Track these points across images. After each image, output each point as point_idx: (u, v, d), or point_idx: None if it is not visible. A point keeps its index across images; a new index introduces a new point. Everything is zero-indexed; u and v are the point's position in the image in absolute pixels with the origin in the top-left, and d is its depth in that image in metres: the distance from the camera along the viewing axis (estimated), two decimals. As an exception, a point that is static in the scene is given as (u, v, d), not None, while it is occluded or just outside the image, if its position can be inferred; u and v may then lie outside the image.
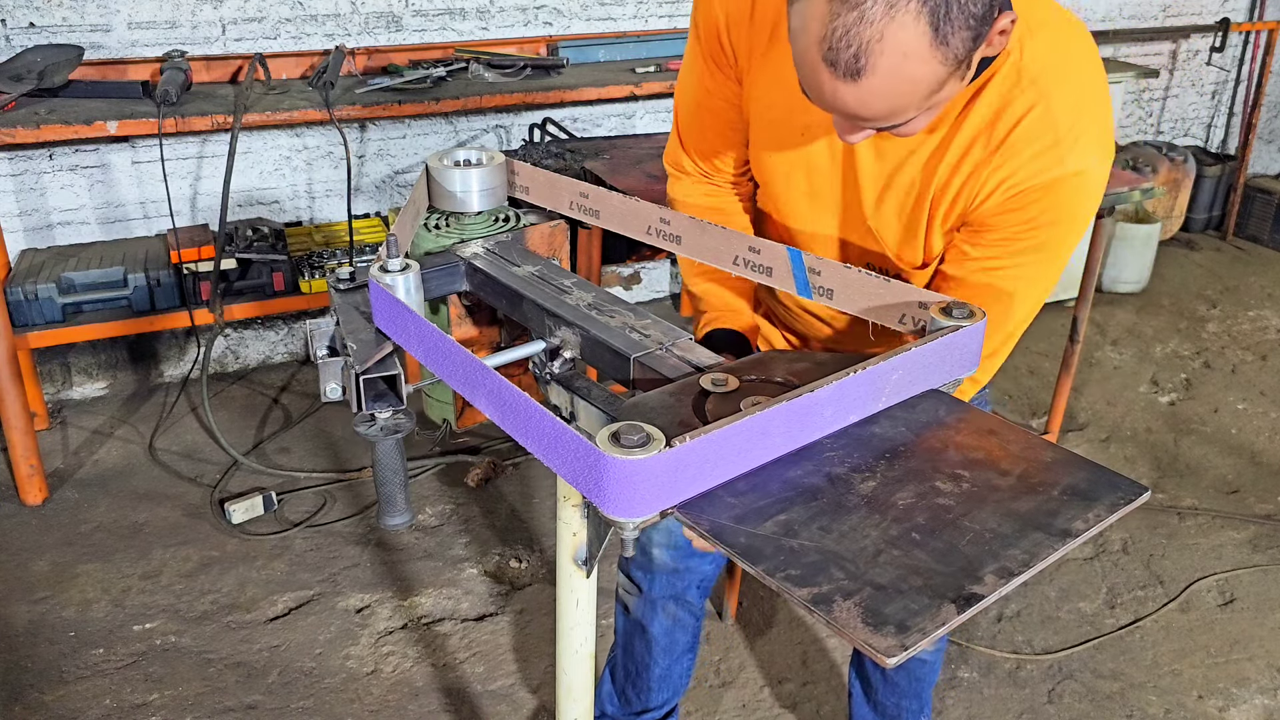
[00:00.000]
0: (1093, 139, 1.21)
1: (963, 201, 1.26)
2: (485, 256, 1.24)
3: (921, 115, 1.08)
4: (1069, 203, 1.23)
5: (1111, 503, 0.85)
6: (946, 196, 1.26)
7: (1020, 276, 1.29)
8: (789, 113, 1.32)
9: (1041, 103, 1.19)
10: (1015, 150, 1.20)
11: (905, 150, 1.27)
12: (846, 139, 1.14)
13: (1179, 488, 3.12)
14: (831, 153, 1.32)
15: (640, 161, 2.95)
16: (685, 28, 3.78)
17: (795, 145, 1.34)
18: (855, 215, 1.36)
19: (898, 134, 1.11)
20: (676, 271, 4.24)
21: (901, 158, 1.28)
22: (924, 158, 1.26)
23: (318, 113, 2.85)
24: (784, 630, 2.54)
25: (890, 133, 1.11)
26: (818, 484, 0.85)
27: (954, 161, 1.24)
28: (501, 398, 0.87)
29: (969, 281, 1.29)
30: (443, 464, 3.09)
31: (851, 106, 1.03)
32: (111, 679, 2.32)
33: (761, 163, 1.41)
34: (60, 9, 3.01)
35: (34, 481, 2.86)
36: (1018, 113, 1.19)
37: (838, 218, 1.38)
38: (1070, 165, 1.20)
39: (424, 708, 2.29)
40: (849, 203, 1.35)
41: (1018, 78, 1.19)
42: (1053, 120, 1.19)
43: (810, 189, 1.37)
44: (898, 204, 1.31)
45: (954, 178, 1.25)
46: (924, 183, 1.27)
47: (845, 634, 0.71)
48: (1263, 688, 2.41)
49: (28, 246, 3.19)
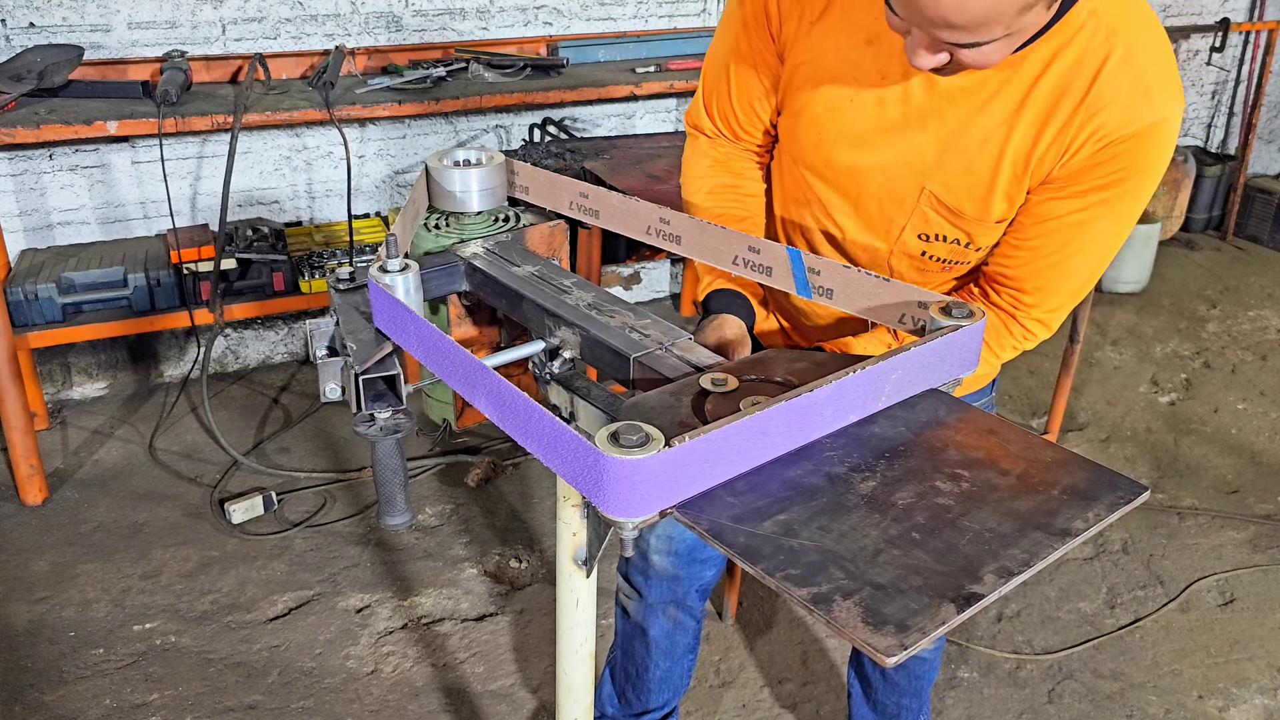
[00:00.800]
0: (1173, 86, 1.22)
1: (1050, 159, 1.25)
2: (485, 256, 1.24)
3: (1004, 40, 1.06)
4: (1155, 150, 1.23)
5: (1111, 502, 0.85)
6: (1034, 156, 1.25)
7: (1103, 228, 1.29)
8: (840, 79, 1.31)
9: (1123, 49, 1.19)
10: (1104, 100, 1.20)
11: (971, 109, 1.26)
12: (918, 63, 1.11)
13: (1179, 488, 3.12)
14: (884, 121, 1.31)
15: (640, 161, 2.95)
16: (685, 28, 3.79)
17: (847, 114, 1.33)
18: (909, 185, 1.33)
19: (973, 62, 1.09)
20: (676, 271, 4.24)
21: (967, 119, 1.26)
22: (1000, 118, 1.25)
23: (318, 113, 2.85)
24: (784, 630, 2.54)
25: (966, 58, 1.09)
26: (817, 484, 0.85)
27: (1038, 119, 1.23)
28: (501, 398, 0.87)
29: (1054, 234, 1.28)
30: (443, 464, 3.09)
31: (946, 4, 1.00)
32: (111, 679, 2.32)
33: (803, 135, 1.39)
34: (60, 9, 3.01)
35: (34, 481, 2.86)
36: (1099, 61, 1.19)
37: (886, 193, 1.36)
38: (1159, 112, 1.20)
39: (424, 708, 2.29)
40: (899, 173, 1.33)
41: (1096, 27, 1.19)
42: (1138, 68, 1.19)
43: (856, 162, 1.35)
44: (965, 165, 1.29)
45: (1041, 137, 1.24)
46: (1001, 144, 1.25)
47: (845, 634, 0.71)
48: (1263, 688, 2.41)
49: (28, 246, 3.19)
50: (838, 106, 1.33)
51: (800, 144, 1.40)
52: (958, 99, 1.26)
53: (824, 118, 1.35)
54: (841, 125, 1.34)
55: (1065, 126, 1.23)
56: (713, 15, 3.86)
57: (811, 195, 1.43)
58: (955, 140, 1.28)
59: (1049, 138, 1.24)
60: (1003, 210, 1.32)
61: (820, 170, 1.39)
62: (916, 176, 1.32)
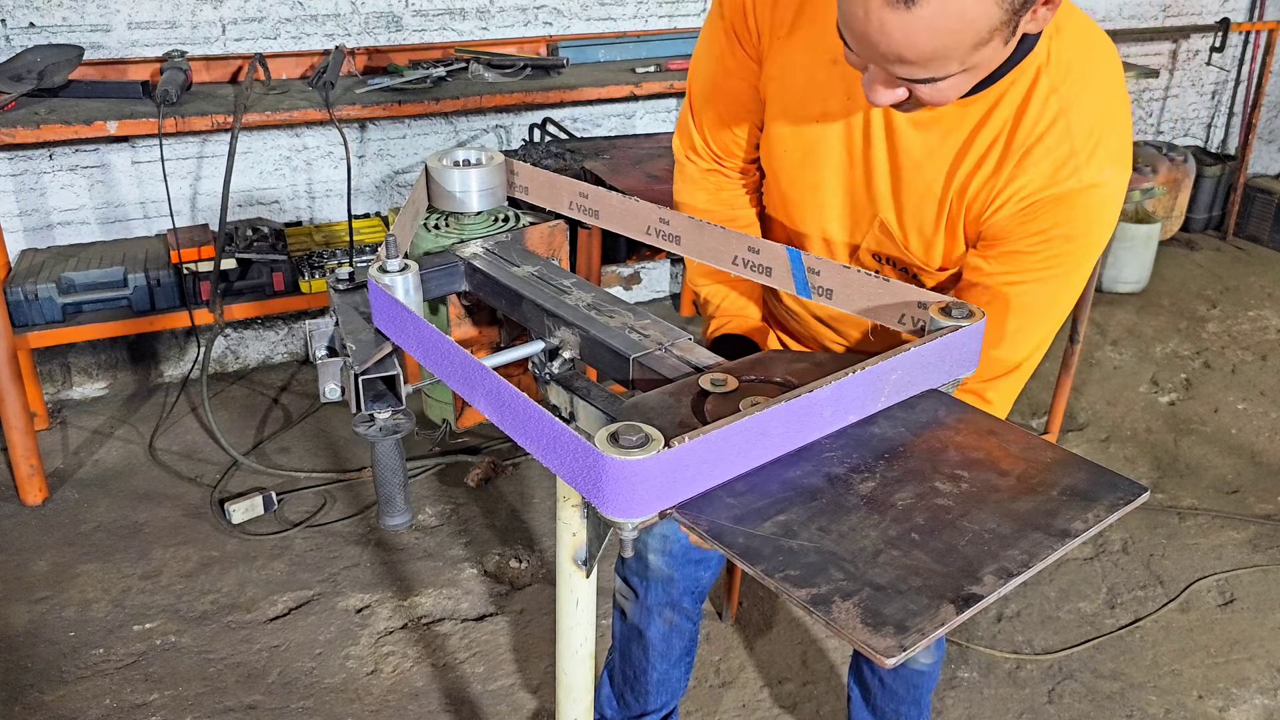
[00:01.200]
0: (1111, 150, 1.18)
1: (977, 207, 1.23)
2: (485, 256, 1.24)
3: (960, 76, 1.04)
4: (1084, 216, 1.19)
5: (1111, 503, 0.85)
6: (963, 202, 1.24)
7: (1035, 293, 1.25)
8: (806, 97, 1.30)
9: (1062, 114, 1.16)
10: (1032, 160, 1.17)
11: (923, 150, 1.24)
12: (875, 99, 1.09)
13: (1179, 488, 3.12)
14: (848, 143, 1.30)
15: (640, 161, 2.95)
16: (685, 28, 3.79)
17: (810, 133, 1.32)
18: (865, 209, 1.33)
19: (930, 98, 1.07)
20: (676, 271, 4.24)
21: (919, 159, 1.25)
22: (945, 160, 1.24)
23: (318, 113, 2.85)
24: (784, 630, 2.54)
25: (923, 94, 1.06)
26: (817, 484, 0.85)
27: (970, 168, 1.22)
28: (501, 398, 0.87)
29: (984, 300, 1.26)
30: (443, 464, 3.09)
31: (896, 40, 0.98)
32: (111, 679, 2.32)
33: (773, 147, 1.39)
34: (60, 9, 3.01)
35: (34, 481, 2.86)
36: (1035, 117, 1.16)
37: (846, 211, 1.36)
38: (1086, 178, 1.16)
39: (424, 708, 2.29)
40: (859, 196, 1.33)
41: (1044, 80, 1.16)
42: (1070, 131, 1.16)
43: (819, 179, 1.35)
44: (915, 203, 1.28)
45: (970, 183, 1.22)
46: (944, 186, 1.24)
47: (844, 634, 0.71)
48: (1263, 688, 2.41)
49: (28, 246, 3.19)
50: (802, 125, 1.32)
51: (771, 152, 1.40)
52: (914, 134, 1.24)
53: (790, 134, 1.34)
54: (806, 144, 1.33)
55: (993, 176, 1.20)
56: (713, 15, 3.86)
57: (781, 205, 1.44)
58: (908, 175, 1.27)
59: (977, 185, 1.22)
60: (944, 258, 1.30)
61: (788, 178, 1.39)
62: (871, 203, 1.32)
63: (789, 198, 1.41)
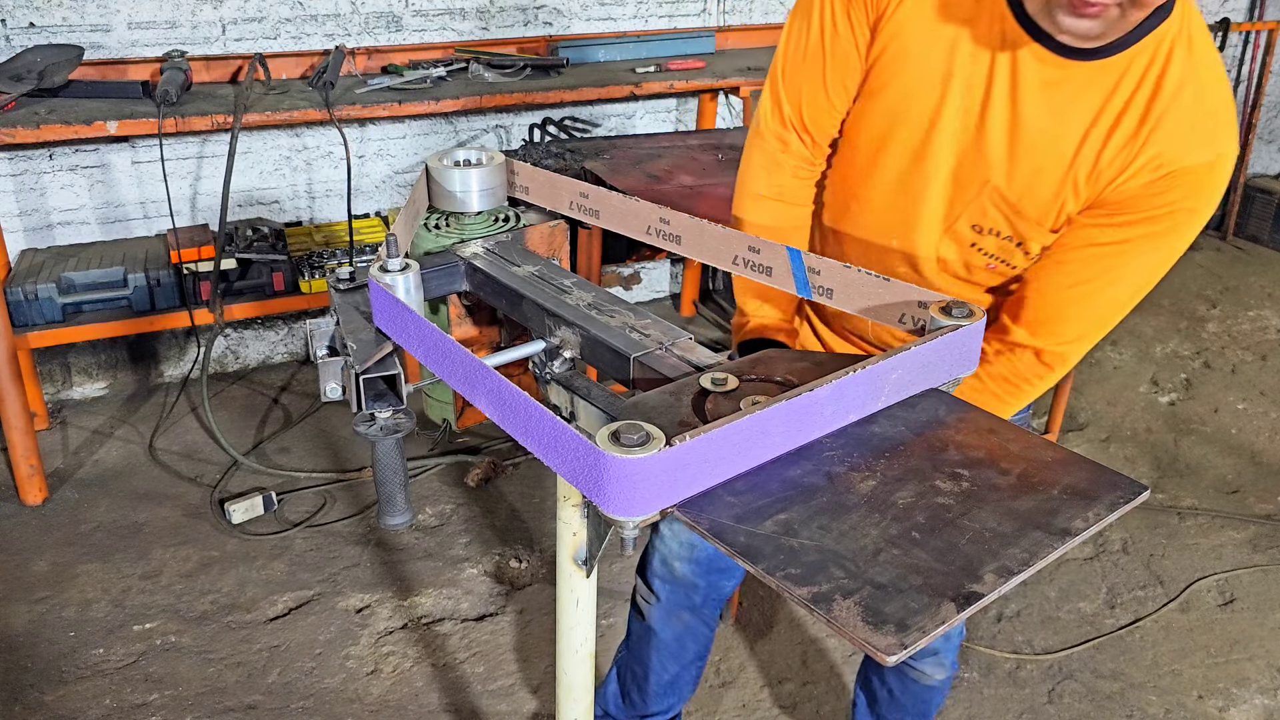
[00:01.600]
0: (1232, 126, 1.20)
1: (1109, 174, 1.22)
2: (485, 256, 1.24)
3: None
4: (1210, 188, 1.20)
5: (1111, 502, 0.85)
6: (1098, 167, 1.23)
7: (1143, 263, 1.26)
8: (925, 58, 1.29)
9: (1198, 85, 1.17)
10: (1168, 127, 1.17)
11: (1050, 112, 1.23)
12: (1083, 13, 1.10)
13: (1179, 488, 3.12)
14: (965, 106, 1.28)
15: (640, 161, 2.95)
16: (685, 28, 3.79)
17: (922, 98, 1.30)
18: (974, 175, 1.31)
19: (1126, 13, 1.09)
20: (676, 271, 4.24)
21: (1044, 121, 1.23)
22: (1076, 122, 1.22)
23: (318, 113, 2.85)
24: (784, 630, 2.54)
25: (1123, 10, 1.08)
26: (817, 483, 0.85)
27: (1105, 131, 1.21)
28: (501, 398, 0.87)
29: (1091, 261, 1.26)
30: (443, 464, 3.09)
31: None
32: (111, 679, 2.32)
33: (875, 118, 1.36)
34: (60, 9, 3.01)
35: (34, 481, 2.86)
36: (1179, 90, 1.17)
37: (950, 180, 1.33)
38: (1218, 148, 1.18)
39: (424, 708, 2.29)
40: (968, 162, 1.31)
41: (1181, 51, 1.17)
42: (1204, 102, 1.17)
43: (927, 147, 1.32)
44: (1033, 166, 1.26)
45: (1105, 147, 1.21)
46: (1076, 148, 1.23)
47: (845, 633, 0.71)
48: (1263, 688, 2.41)
49: (28, 246, 3.19)
50: (915, 89, 1.30)
51: (871, 124, 1.37)
52: (1040, 96, 1.24)
53: (899, 100, 1.32)
54: (916, 110, 1.31)
55: (1129, 142, 1.20)
56: (713, 15, 3.86)
57: (865, 181, 1.40)
58: (1030, 137, 1.26)
59: (1113, 150, 1.22)
60: (1056, 219, 1.28)
61: (891, 151, 1.36)
62: (983, 169, 1.30)
63: (885, 175, 1.38)
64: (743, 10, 3.92)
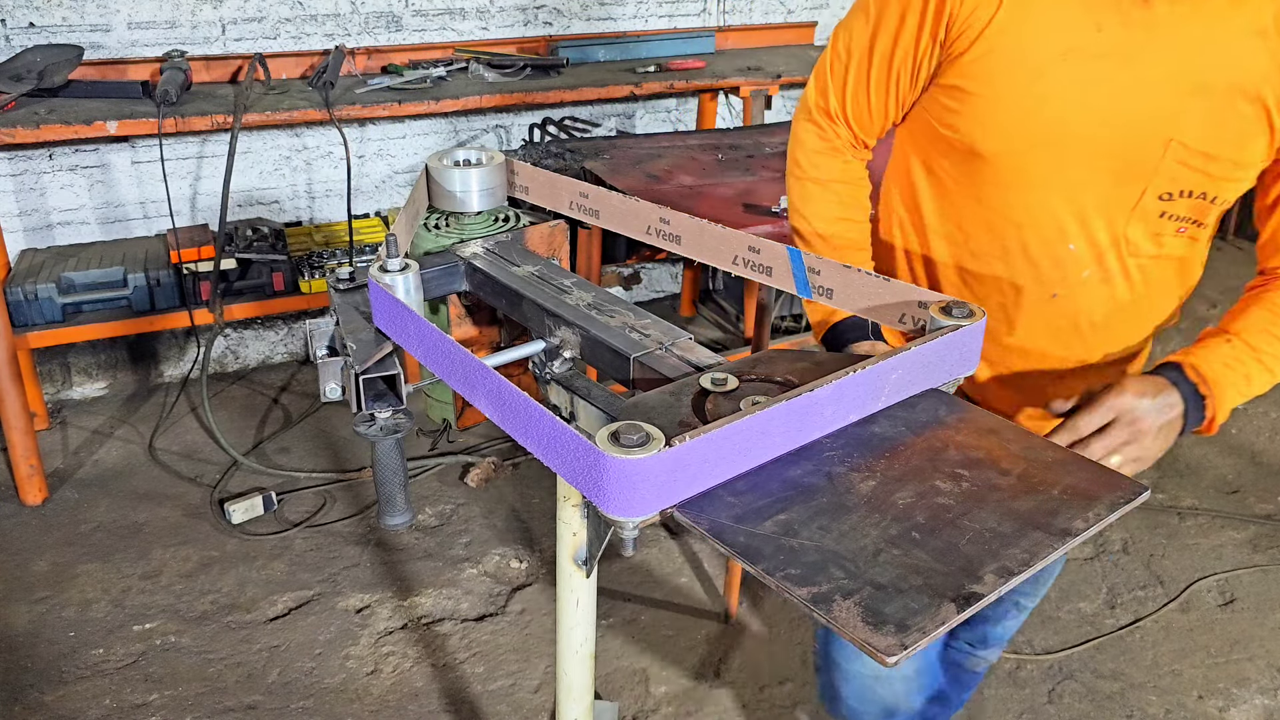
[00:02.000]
0: None
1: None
2: (485, 256, 1.24)
3: None
4: None
5: (1111, 502, 0.85)
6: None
7: None
8: (1051, 35, 1.19)
9: None
10: None
11: (1223, 49, 1.14)
12: None
13: (1179, 488, 3.12)
14: (1110, 73, 1.17)
15: (640, 161, 2.95)
16: (685, 28, 3.79)
17: (1051, 82, 1.21)
18: (1147, 141, 1.21)
19: None
20: (676, 271, 4.24)
21: (1214, 49, 1.14)
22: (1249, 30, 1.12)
23: (318, 113, 2.85)
24: (784, 630, 2.54)
25: None
26: (817, 483, 0.85)
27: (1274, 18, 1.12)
28: (501, 398, 0.87)
29: None
30: (443, 464, 3.09)
31: None
32: (111, 679, 2.32)
33: (986, 122, 1.25)
34: (60, 9, 3.01)
35: (34, 481, 2.86)
36: None
37: (1117, 159, 1.23)
38: None
39: (424, 708, 2.28)
40: (1137, 129, 1.20)
41: None
42: None
43: (1065, 135, 1.22)
44: (1219, 102, 1.16)
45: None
46: (1258, 63, 1.14)
47: (845, 633, 0.71)
48: (1263, 688, 2.41)
49: (28, 246, 3.19)
50: (1047, 73, 1.19)
51: (1002, 132, 1.25)
52: (1182, 20, 1.14)
53: (1032, 91, 1.21)
54: (1057, 94, 1.21)
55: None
56: (713, 15, 3.86)
57: (1008, 205, 1.30)
58: (1196, 72, 1.16)
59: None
60: (1263, 148, 1.19)
61: (1027, 157, 1.25)
62: (1159, 125, 1.20)
63: (1038, 178, 1.27)
64: (743, 10, 3.92)
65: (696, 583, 2.68)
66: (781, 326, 3.82)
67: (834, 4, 4.11)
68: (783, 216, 2.41)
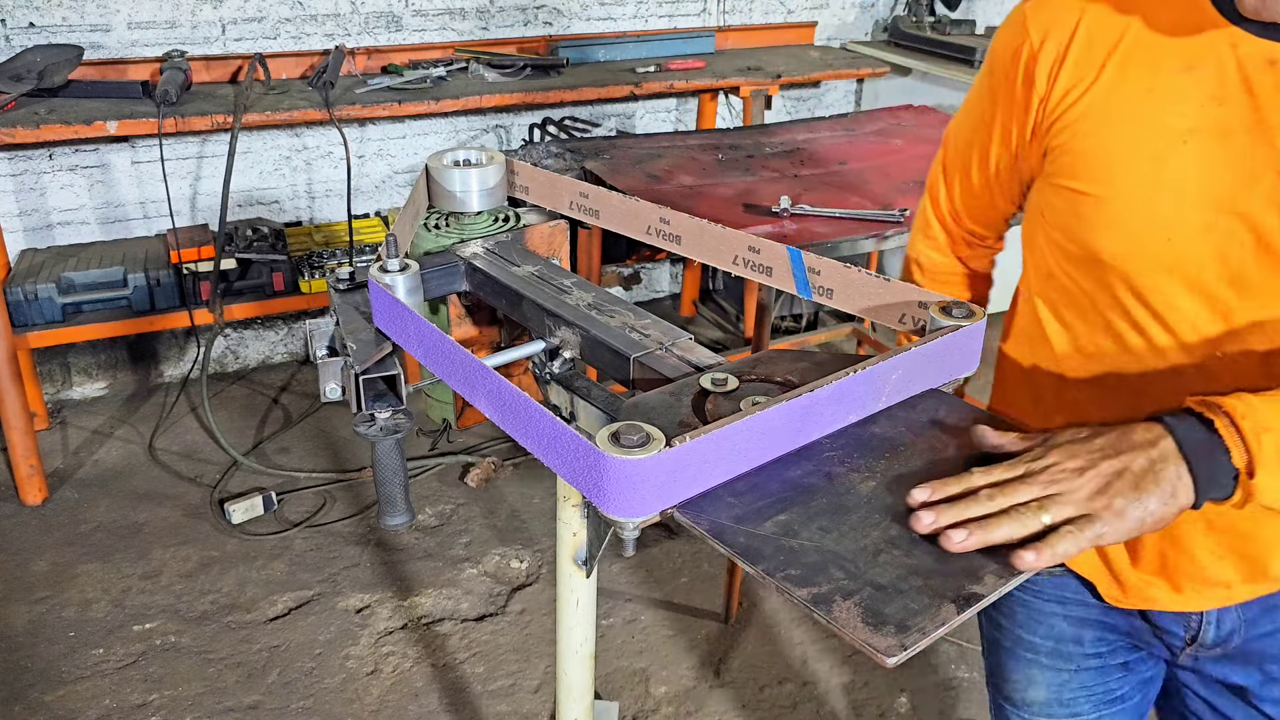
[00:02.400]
0: None
1: None
2: (485, 256, 1.24)
3: None
4: None
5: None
6: None
7: None
8: (1158, 116, 1.04)
9: None
10: None
11: None
12: None
13: None
14: (1224, 124, 1.01)
15: (640, 161, 2.95)
16: (685, 28, 3.79)
17: (1171, 150, 1.04)
18: (1264, 170, 1.02)
19: None
20: (676, 271, 4.24)
21: None
22: None
23: (318, 113, 2.85)
24: (784, 631, 2.54)
25: None
26: (817, 484, 0.85)
27: None
28: (501, 398, 0.87)
29: None
30: (443, 464, 3.09)
31: None
32: (111, 679, 2.32)
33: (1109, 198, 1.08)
34: (60, 9, 3.01)
35: (34, 481, 2.86)
36: None
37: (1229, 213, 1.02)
38: None
39: (424, 708, 2.29)
40: (1250, 166, 1.01)
41: None
42: None
43: (1181, 198, 1.04)
44: None
45: None
46: None
47: (845, 634, 0.71)
48: (1263, 688, 2.41)
49: (28, 246, 3.19)
50: (1162, 159, 1.04)
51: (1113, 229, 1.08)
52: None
53: (1144, 180, 1.05)
54: (1176, 180, 1.04)
55: None
56: (713, 15, 3.86)
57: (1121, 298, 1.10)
58: None
59: None
60: None
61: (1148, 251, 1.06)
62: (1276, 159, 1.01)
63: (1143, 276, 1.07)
64: (743, 10, 3.92)
65: (696, 583, 2.68)
66: (781, 326, 3.82)
67: (834, 4, 4.11)
68: (783, 216, 2.41)
